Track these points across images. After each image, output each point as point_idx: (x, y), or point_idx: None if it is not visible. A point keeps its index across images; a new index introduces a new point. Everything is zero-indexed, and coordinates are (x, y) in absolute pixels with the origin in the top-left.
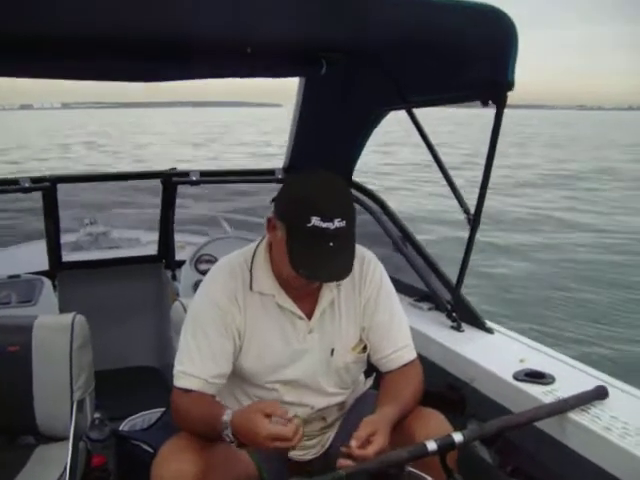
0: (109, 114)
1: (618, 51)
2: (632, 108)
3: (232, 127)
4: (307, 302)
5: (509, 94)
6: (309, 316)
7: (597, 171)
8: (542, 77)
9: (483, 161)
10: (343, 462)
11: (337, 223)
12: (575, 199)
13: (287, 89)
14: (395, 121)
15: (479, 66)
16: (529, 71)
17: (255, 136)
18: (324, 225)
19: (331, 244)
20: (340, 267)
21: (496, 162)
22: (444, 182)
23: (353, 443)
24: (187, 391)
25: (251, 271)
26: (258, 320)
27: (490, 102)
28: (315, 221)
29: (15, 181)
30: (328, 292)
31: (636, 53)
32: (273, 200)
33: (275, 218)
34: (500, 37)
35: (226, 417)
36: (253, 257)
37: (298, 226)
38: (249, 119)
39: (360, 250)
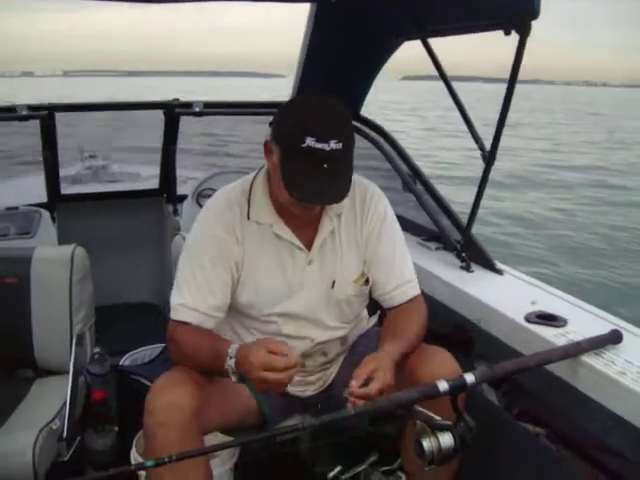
0: (117, 82)
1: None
2: (638, 85)
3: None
4: (306, 233)
5: None
6: (308, 247)
7: None
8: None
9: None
10: (351, 405)
11: (333, 144)
12: None
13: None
14: None
15: None
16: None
17: None
18: (319, 146)
19: (326, 166)
20: (335, 190)
21: None
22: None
23: (353, 382)
24: (185, 324)
25: (249, 201)
26: (256, 251)
27: (513, 32)
28: (309, 141)
29: (12, 109)
30: (328, 222)
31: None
32: (270, 123)
33: (271, 141)
34: None
35: (232, 350)
36: (251, 187)
37: (292, 147)
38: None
39: (364, 182)
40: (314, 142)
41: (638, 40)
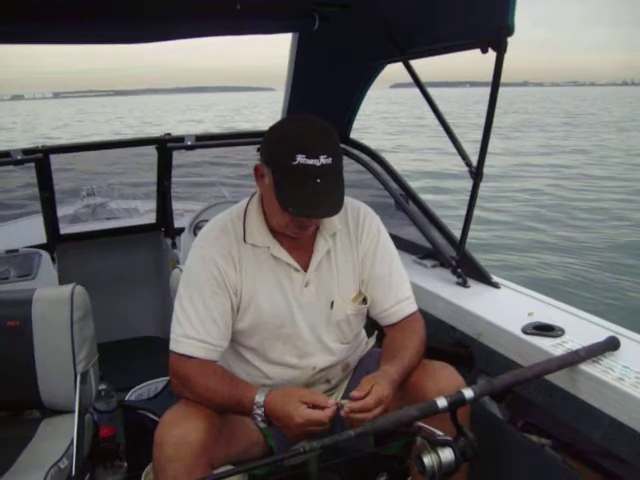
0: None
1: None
2: (626, 83)
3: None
4: (302, 255)
5: None
6: (305, 269)
7: None
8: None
9: None
10: (348, 413)
11: (323, 160)
12: None
13: (279, 72)
14: None
15: (477, 11)
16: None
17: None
18: (310, 162)
19: (318, 181)
20: (329, 203)
21: None
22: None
23: (354, 393)
24: (190, 358)
25: (244, 225)
26: (254, 275)
27: (490, 49)
28: (300, 159)
29: (6, 153)
30: (323, 243)
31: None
32: (258, 149)
33: (262, 165)
34: None
35: (259, 398)
36: (245, 211)
37: (284, 166)
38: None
39: (356, 203)
40: (304, 159)
41: (620, 39)
